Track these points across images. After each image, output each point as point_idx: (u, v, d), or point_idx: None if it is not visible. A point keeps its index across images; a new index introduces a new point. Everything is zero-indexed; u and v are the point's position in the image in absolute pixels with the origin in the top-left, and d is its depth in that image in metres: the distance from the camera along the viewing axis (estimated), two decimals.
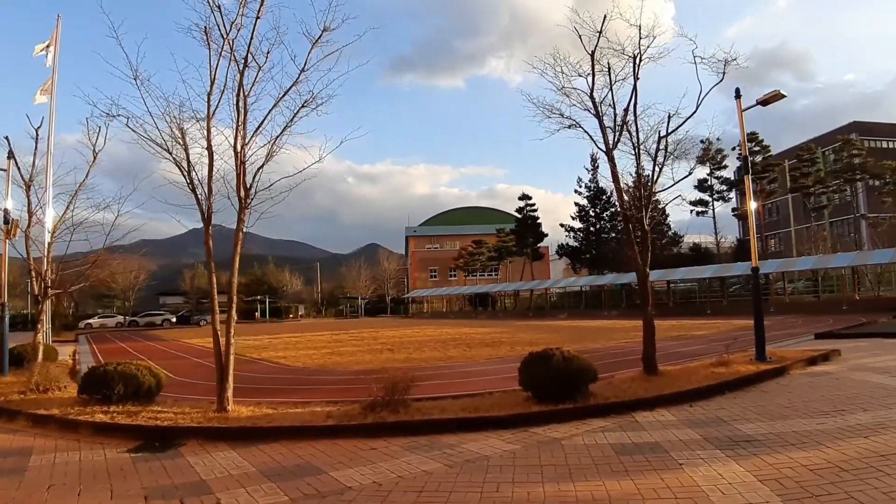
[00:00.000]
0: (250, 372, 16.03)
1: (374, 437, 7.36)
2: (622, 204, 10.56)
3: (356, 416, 7.99)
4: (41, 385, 11.29)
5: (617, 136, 10.43)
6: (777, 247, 73.70)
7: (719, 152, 62.05)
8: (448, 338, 26.37)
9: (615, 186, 10.53)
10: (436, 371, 14.31)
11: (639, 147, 10.37)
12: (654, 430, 7.12)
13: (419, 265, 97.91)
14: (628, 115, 10.35)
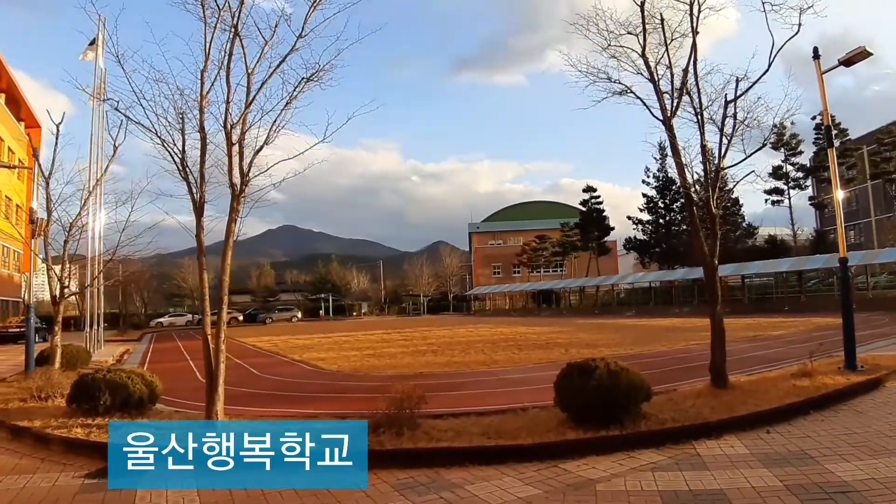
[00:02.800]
0: (282, 376, 15.27)
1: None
2: (684, 182, 8.75)
3: None
4: (42, 392, 10.49)
5: (675, 103, 8.65)
6: (857, 238, 67.88)
7: (794, 137, 57.56)
8: (500, 338, 24.75)
9: (675, 161, 8.75)
10: (473, 378, 12.88)
11: (702, 113, 8.54)
12: (720, 471, 5.42)
13: (482, 262, 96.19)
14: (688, 77, 8.54)
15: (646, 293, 59.69)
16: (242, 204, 8.46)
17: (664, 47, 8.61)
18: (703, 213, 8.91)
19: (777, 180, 59.50)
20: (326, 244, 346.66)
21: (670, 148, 8.69)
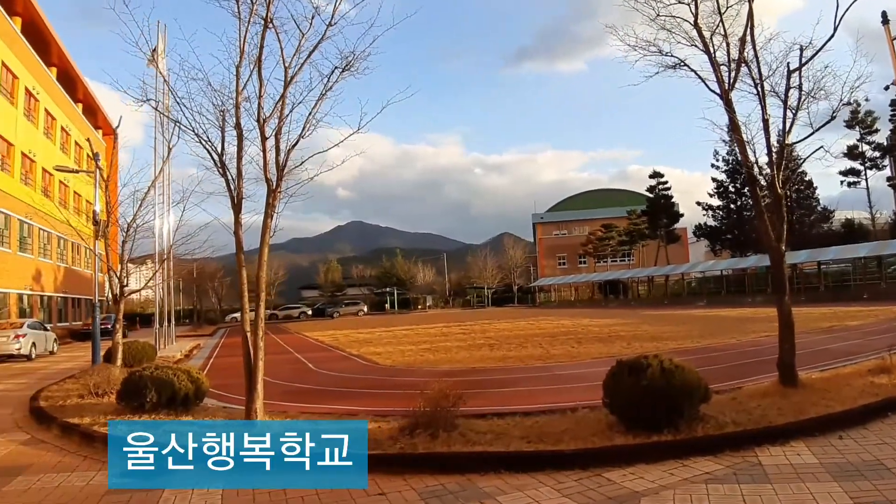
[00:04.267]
0: (336, 371, 15.25)
1: (394, 472, 5.66)
2: (746, 160, 7.99)
3: (384, 442, 6.33)
4: (99, 388, 10.74)
5: (733, 75, 7.88)
6: None
7: (869, 115, 53.66)
8: (561, 331, 24.05)
9: (735, 138, 8.00)
10: (526, 374, 12.41)
11: (762, 84, 7.74)
12: (782, 484, 4.79)
13: (546, 252, 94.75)
14: (745, 47, 7.76)
15: (717, 282, 57.21)
16: (279, 199, 8.29)
17: (718, 15, 7.86)
18: (770, 195, 8.12)
19: (853, 160, 55.85)
20: (393, 238, 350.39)
21: (729, 123, 7.94)
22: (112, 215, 14.83)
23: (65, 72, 43.38)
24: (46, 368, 19.58)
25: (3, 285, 31.80)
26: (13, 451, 7.71)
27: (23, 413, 10.47)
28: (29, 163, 36.00)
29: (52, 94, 39.89)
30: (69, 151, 43.72)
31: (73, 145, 44.12)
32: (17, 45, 33.72)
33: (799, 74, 7.75)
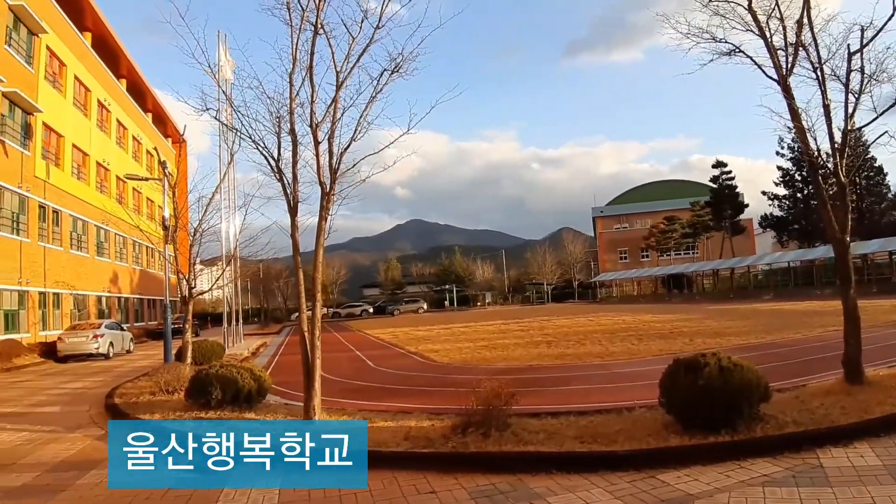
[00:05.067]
0: (394, 368, 15.46)
1: (445, 471, 5.70)
2: (806, 148, 7.66)
3: (436, 441, 6.40)
4: (169, 386, 11.25)
5: (791, 60, 7.56)
6: None
7: None
8: (621, 328, 23.63)
9: (795, 125, 7.67)
10: (584, 372, 12.28)
11: (821, 68, 7.39)
12: (843, 487, 4.58)
13: (607, 246, 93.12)
14: (802, 29, 7.44)
15: (784, 274, 55.02)
16: (333, 202, 8.46)
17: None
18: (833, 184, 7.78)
19: None
20: (451, 236, 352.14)
21: (788, 110, 7.63)
22: (180, 220, 15.46)
23: (134, 83, 45.50)
24: (123, 366, 20.61)
25: (82, 288, 33.65)
26: (88, 446, 8.13)
27: (98, 409, 11.04)
28: (103, 171, 37.95)
29: (122, 105, 41.89)
30: (141, 159, 45.86)
31: (145, 153, 46.26)
32: (88, 59, 35.58)
33: (860, 56, 7.37)
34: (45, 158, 29.63)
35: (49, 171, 29.63)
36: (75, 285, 32.48)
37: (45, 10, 28.95)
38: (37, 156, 28.45)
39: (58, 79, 31.53)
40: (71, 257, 32.46)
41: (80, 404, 12.08)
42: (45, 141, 29.84)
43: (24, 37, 27.57)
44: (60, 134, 31.46)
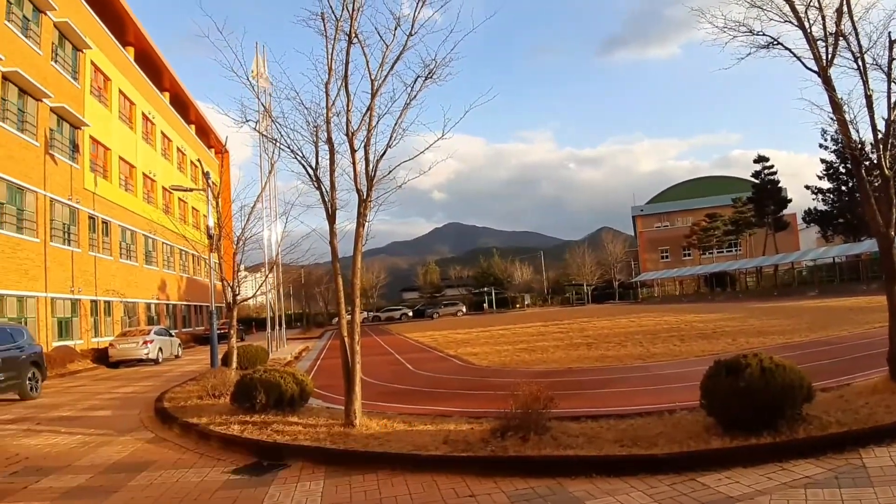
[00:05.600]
0: (433, 372, 15.53)
1: (484, 475, 5.74)
2: (849, 140, 7.47)
3: (475, 445, 6.44)
4: (216, 390, 11.56)
5: (831, 50, 7.40)
6: None
7: None
8: (663, 328, 23.28)
9: (837, 117, 7.48)
10: (625, 374, 12.15)
11: (862, 58, 7.20)
12: (885, 487, 4.48)
13: (648, 246, 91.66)
14: (842, 18, 7.26)
15: (829, 270, 53.37)
16: (370, 209, 8.58)
17: None
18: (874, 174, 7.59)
19: None
20: (489, 238, 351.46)
21: (829, 102, 7.46)
22: (224, 229, 15.85)
23: (176, 96, 46.82)
24: (171, 371, 21.22)
25: (132, 295, 34.74)
26: (139, 448, 8.42)
27: (148, 413, 11.41)
28: (150, 182, 39.16)
29: (166, 117, 43.15)
30: (185, 170, 47.17)
31: (189, 164, 47.59)
32: (132, 73, 36.78)
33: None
34: (94, 171, 30.72)
35: (97, 183, 30.71)
36: (125, 293, 33.57)
37: (89, 27, 30.04)
38: (85, 168, 29.52)
39: (103, 93, 32.66)
40: (121, 266, 33.56)
41: (131, 408, 12.50)
42: (93, 154, 30.95)
43: (70, 53, 28.65)
44: (107, 147, 32.59)
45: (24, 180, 23.84)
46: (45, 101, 25.49)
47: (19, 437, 9.82)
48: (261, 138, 16.98)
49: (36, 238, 24.57)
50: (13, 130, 23.31)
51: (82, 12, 29.57)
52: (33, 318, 23.98)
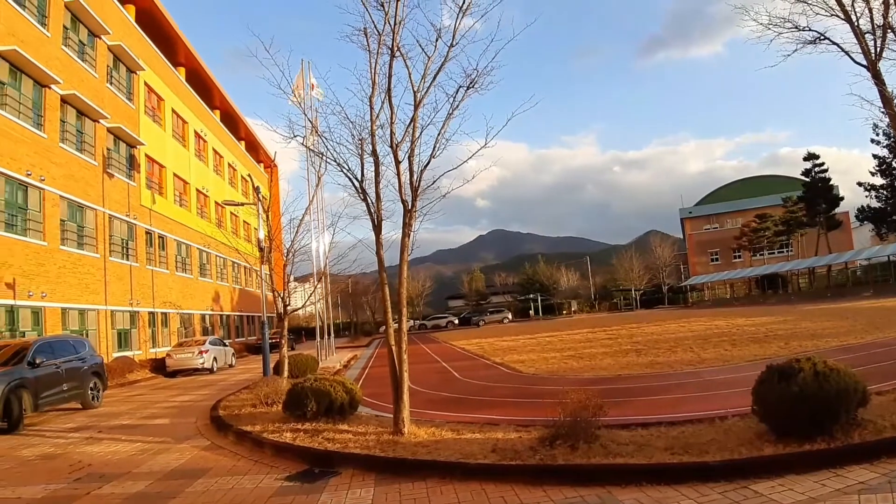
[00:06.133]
0: (480, 379, 15.53)
1: (533, 483, 5.77)
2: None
3: (523, 453, 6.47)
4: (269, 398, 11.86)
5: (879, 43, 7.22)
6: None
7: None
8: (714, 332, 22.77)
9: (888, 112, 7.30)
10: (675, 380, 11.96)
11: None
12: None
13: (697, 248, 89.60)
14: (890, 10, 7.09)
15: (884, 269, 51.25)
16: (415, 219, 8.71)
17: None
18: None
19: None
20: (534, 244, 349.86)
21: (879, 97, 7.28)
22: (274, 241, 16.28)
23: (226, 113, 48.30)
24: (226, 380, 21.81)
25: (187, 307, 35.85)
26: (196, 455, 8.71)
27: (204, 421, 11.77)
28: (203, 198, 40.44)
29: (217, 134, 44.54)
30: (236, 185, 48.55)
31: (240, 179, 48.96)
32: (184, 93, 38.10)
33: None
34: (150, 188, 31.91)
35: (154, 200, 31.89)
36: (181, 305, 34.68)
37: (142, 49, 31.28)
38: (142, 185, 30.69)
39: (157, 113, 33.92)
40: (176, 279, 34.70)
41: (188, 416, 12.91)
42: (149, 171, 32.15)
43: (124, 75, 29.89)
44: (162, 164, 33.82)
45: (85, 198, 24.93)
46: (102, 122, 26.65)
47: (82, 444, 10.24)
48: (308, 152, 17.44)
49: (96, 253, 25.63)
50: (73, 151, 24.43)
51: (135, 35, 30.83)
52: (94, 330, 24.99)
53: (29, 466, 8.68)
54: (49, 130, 22.62)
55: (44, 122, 22.41)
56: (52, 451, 9.83)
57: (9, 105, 20.34)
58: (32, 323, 21.16)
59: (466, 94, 8.67)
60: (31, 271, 20.97)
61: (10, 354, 13.50)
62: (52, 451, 9.83)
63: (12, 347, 14.03)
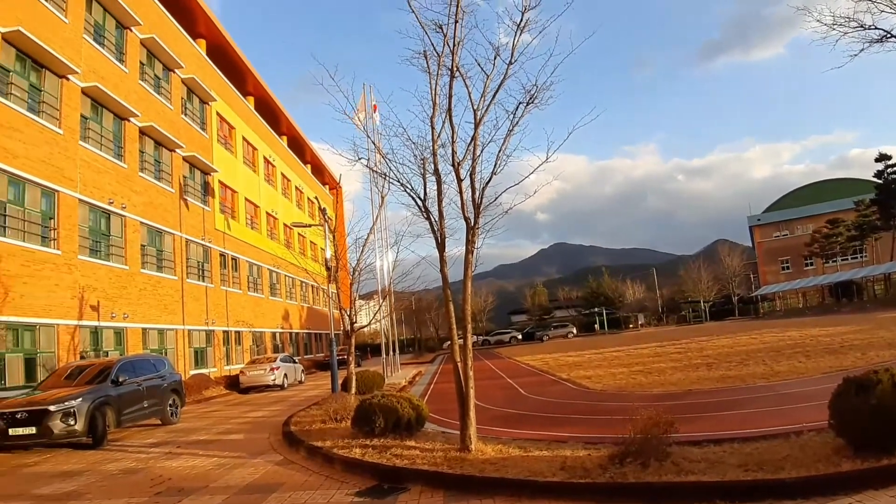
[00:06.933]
0: (546, 396, 15.46)
1: (603, 502, 5.76)
2: None
3: (593, 471, 6.44)
4: (337, 414, 12.16)
5: None
6: None
7: None
8: (786, 344, 21.90)
9: None
10: (748, 395, 11.62)
11: None
12: None
13: (766, 257, 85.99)
14: None
15: None
16: (478, 235, 8.82)
17: None
18: None
19: None
20: (597, 257, 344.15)
21: None
22: (341, 260, 16.79)
23: (293, 138, 50.18)
24: (296, 396, 22.40)
25: (259, 325, 37.11)
26: (270, 470, 8.95)
27: (277, 437, 12.11)
28: (272, 220, 41.98)
29: (285, 159, 46.28)
30: (303, 207, 50.22)
31: (306, 201, 50.66)
32: (253, 121, 39.79)
33: None
34: (223, 212, 33.36)
35: (227, 224, 33.31)
36: (253, 323, 35.95)
37: (213, 81, 32.92)
38: (216, 210, 32.12)
39: (228, 141, 35.51)
40: (249, 298, 36.01)
41: (261, 432, 13.30)
42: (222, 197, 33.64)
43: (197, 106, 31.50)
44: (234, 189, 35.34)
45: (163, 224, 26.29)
46: (178, 151, 28.11)
47: (162, 459, 10.65)
48: (371, 174, 17.97)
49: (174, 276, 26.93)
50: (152, 179, 25.85)
51: (206, 68, 32.47)
52: (172, 349, 26.19)
53: (113, 480, 9.08)
54: (129, 160, 24.03)
55: (124, 152, 23.83)
56: (134, 465, 10.26)
57: (91, 138, 21.74)
58: (115, 343, 22.37)
59: (526, 110, 8.72)
60: (114, 294, 22.22)
61: (96, 373, 14.26)
62: (134, 465, 10.26)
63: (97, 366, 14.79)
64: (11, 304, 16.73)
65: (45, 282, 18.42)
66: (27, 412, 12.22)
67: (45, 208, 19.09)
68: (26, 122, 18.14)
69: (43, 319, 18.18)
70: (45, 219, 19.04)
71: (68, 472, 10.06)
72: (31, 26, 18.14)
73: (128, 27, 24.68)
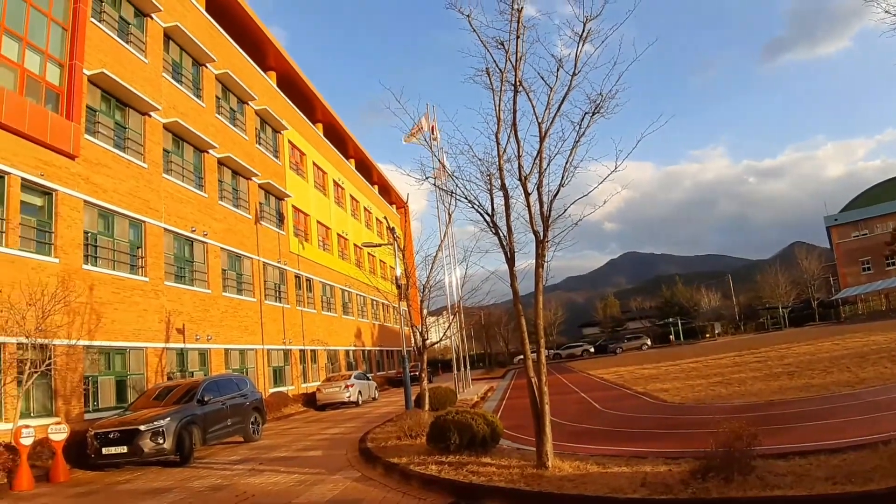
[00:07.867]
0: (622, 410, 15.23)
1: None
2: None
3: (675, 487, 6.35)
4: (412, 431, 12.35)
5: None
6: None
7: None
8: (871, 349, 20.76)
9: None
10: (833, 403, 11.18)
11: None
12: None
13: (846, 258, 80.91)
14: None
15: None
16: (547, 249, 8.78)
17: None
18: None
19: None
20: (669, 265, 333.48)
21: None
22: (410, 278, 17.12)
23: (361, 161, 51.65)
24: (370, 413, 22.80)
25: (333, 343, 38.05)
26: (349, 487, 9.12)
27: (354, 453, 12.34)
28: (343, 241, 43.16)
29: (353, 181, 47.62)
30: (372, 227, 51.46)
31: (375, 221, 51.94)
32: (323, 146, 41.18)
33: None
34: (297, 235, 34.53)
35: (301, 246, 34.48)
36: (327, 342, 36.90)
37: (284, 111, 34.33)
38: (290, 234, 33.29)
39: (300, 167, 36.82)
40: (323, 318, 37.01)
41: (339, 448, 13.58)
42: (296, 220, 34.84)
43: (270, 135, 32.85)
44: (307, 213, 36.56)
45: (242, 249, 27.46)
46: (254, 179, 29.35)
47: (245, 476, 10.99)
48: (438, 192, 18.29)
49: (253, 298, 28.02)
50: (230, 207, 27.08)
51: (278, 99, 33.87)
52: (253, 368, 27.17)
53: (200, 497, 9.45)
54: (209, 190, 25.27)
55: (204, 183, 25.09)
56: (219, 482, 10.63)
57: (173, 170, 23.01)
58: (199, 363, 23.41)
59: (592, 121, 8.67)
60: (198, 317, 23.31)
61: (182, 393, 14.98)
62: (219, 482, 10.63)
63: (184, 387, 15.53)
64: (103, 329, 17.79)
65: (135, 307, 19.52)
66: (119, 432, 12.93)
67: (132, 238, 20.29)
68: (114, 158, 19.39)
69: (133, 343, 19.24)
70: (133, 248, 20.22)
71: (158, 489, 10.55)
72: (114, 68, 19.42)
73: (203, 64, 26.06)
